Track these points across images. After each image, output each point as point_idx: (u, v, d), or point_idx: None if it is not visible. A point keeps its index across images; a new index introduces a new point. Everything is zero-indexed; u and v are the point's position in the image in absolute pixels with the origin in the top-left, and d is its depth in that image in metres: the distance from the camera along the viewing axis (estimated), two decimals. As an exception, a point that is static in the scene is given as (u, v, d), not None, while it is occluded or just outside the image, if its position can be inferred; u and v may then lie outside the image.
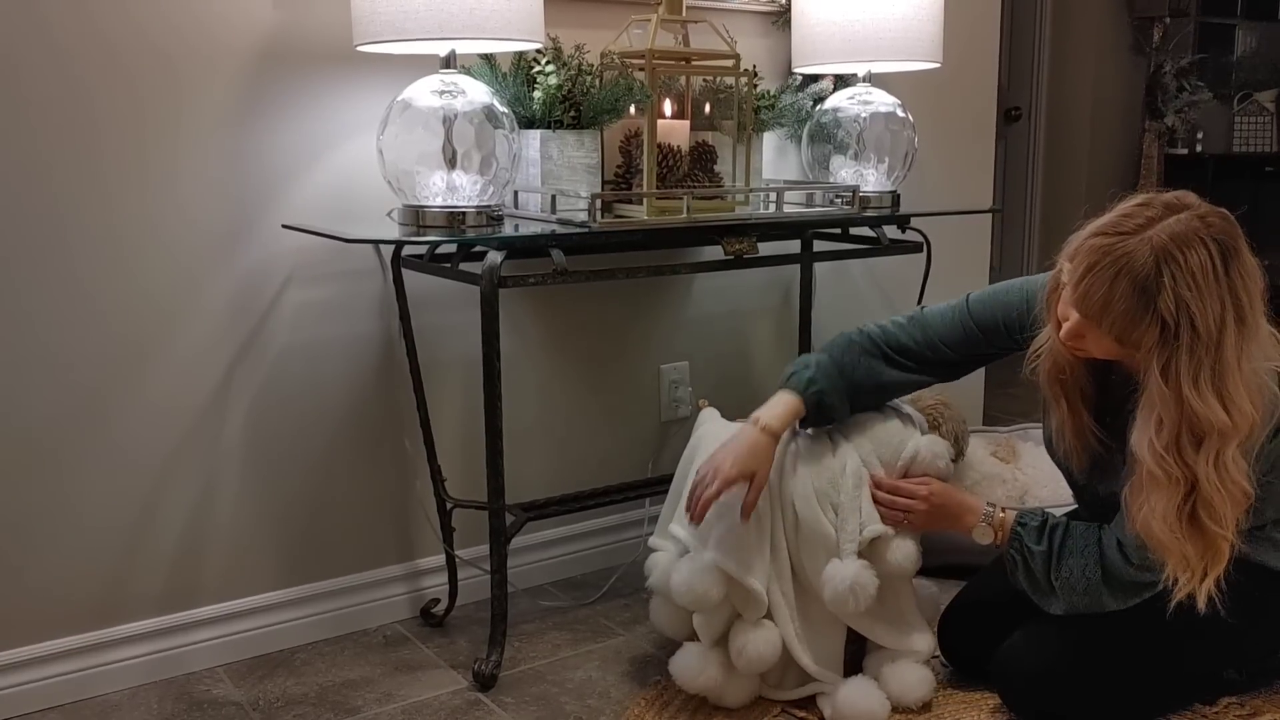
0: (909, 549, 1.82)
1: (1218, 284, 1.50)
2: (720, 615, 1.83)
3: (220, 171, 1.96)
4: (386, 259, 2.13)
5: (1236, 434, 1.53)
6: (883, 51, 2.28)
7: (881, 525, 1.80)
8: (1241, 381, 1.52)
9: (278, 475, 2.11)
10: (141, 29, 1.86)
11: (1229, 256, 1.51)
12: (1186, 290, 1.49)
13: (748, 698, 1.88)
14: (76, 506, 1.92)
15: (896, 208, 2.43)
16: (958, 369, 1.90)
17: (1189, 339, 1.50)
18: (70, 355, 1.88)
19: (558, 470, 2.42)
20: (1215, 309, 1.50)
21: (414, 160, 1.85)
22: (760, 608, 1.81)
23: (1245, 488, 1.54)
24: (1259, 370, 1.56)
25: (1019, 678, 1.80)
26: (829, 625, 1.85)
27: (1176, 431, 1.54)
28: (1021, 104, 5.00)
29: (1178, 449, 1.54)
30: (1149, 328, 1.52)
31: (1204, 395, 1.51)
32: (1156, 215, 1.52)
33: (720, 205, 2.17)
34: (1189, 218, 1.52)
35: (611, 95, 2.03)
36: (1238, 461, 1.54)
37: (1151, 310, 1.50)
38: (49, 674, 1.92)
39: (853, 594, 1.75)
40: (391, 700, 1.95)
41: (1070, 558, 1.73)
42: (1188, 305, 1.49)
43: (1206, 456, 1.53)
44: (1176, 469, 1.54)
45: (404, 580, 2.27)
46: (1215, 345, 1.51)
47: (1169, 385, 1.53)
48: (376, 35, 1.80)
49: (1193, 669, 1.82)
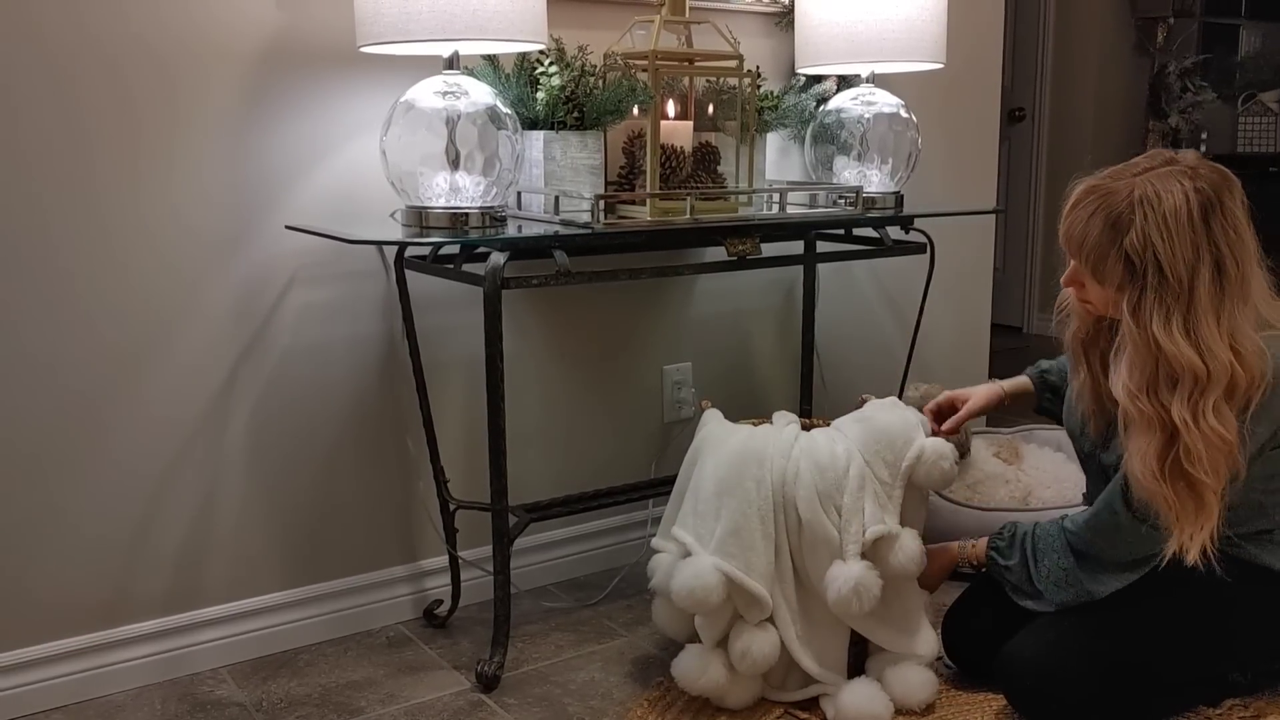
0: (911, 549, 1.81)
1: (1192, 230, 1.54)
2: (722, 617, 1.83)
3: (224, 173, 1.97)
4: (389, 260, 2.13)
5: (1215, 383, 1.55)
6: (886, 52, 2.28)
7: (884, 524, 1.79)
8: (1220, 333, 1.55)
9: (281, 476, 2.11)
10: (142, 36, 1.86)
11: (1210, 207, 1.55)
12: (1156, 231, 1.54)
13: (750, 699, 1.88)
14: (81, 508, 1.92)
15: (900, 208, 2.43)
16: None
17: (1156, 280, 1.55)
18: (76, 359, 1.88)
19: (560, 471, 2.42)
20: (1186, 254, 1.54)
21: (417, 161, 1.85)
22: (763, 610, 1.81)
23: (1225, 435, 1.55)
24: (1251, 333, 1.57)
25: (1024, 677, 1.79)
26: (831, 627, 1.84)
27: (1150, 373, 1.58)
28: (1025, 104, 5.00)
29: (1151, 390, 1.58)
30: (1115, 263, 1.58)
31: (1174, 338, 1.55)
32: (1153, 165, 1.59)
33: (723, 206, 2.17)
34: (1180, 169, 1.57)
35: (614, 96, 2.03)
36: (1220, 411, 1.55)
37: (1118, 245, 1.56)
38: (53, 674, 1.93)
39: (856, 595, 1.75)
40: (394, 701, 1.95)
41: (1044, 558, 1.78)
42: (1154, 246, 1.54)
43: (1181, 399, 1.55)
44: (1151, 409, 1.58)
45: (407, 581, 2.27)
46: (1187, 290, 1.55)
47: (1139, 325, 1.58)
48: (379, 36, 1.80)
49: (1198, 671, 1.82)
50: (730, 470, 1.84)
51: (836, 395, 2.74)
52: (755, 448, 1.86)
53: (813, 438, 1.88)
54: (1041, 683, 1.77)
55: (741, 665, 1.82)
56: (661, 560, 1.91)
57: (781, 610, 1.83)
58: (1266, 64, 5.31)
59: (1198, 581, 1.71)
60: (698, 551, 1.82)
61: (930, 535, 2.46)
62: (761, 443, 1.87)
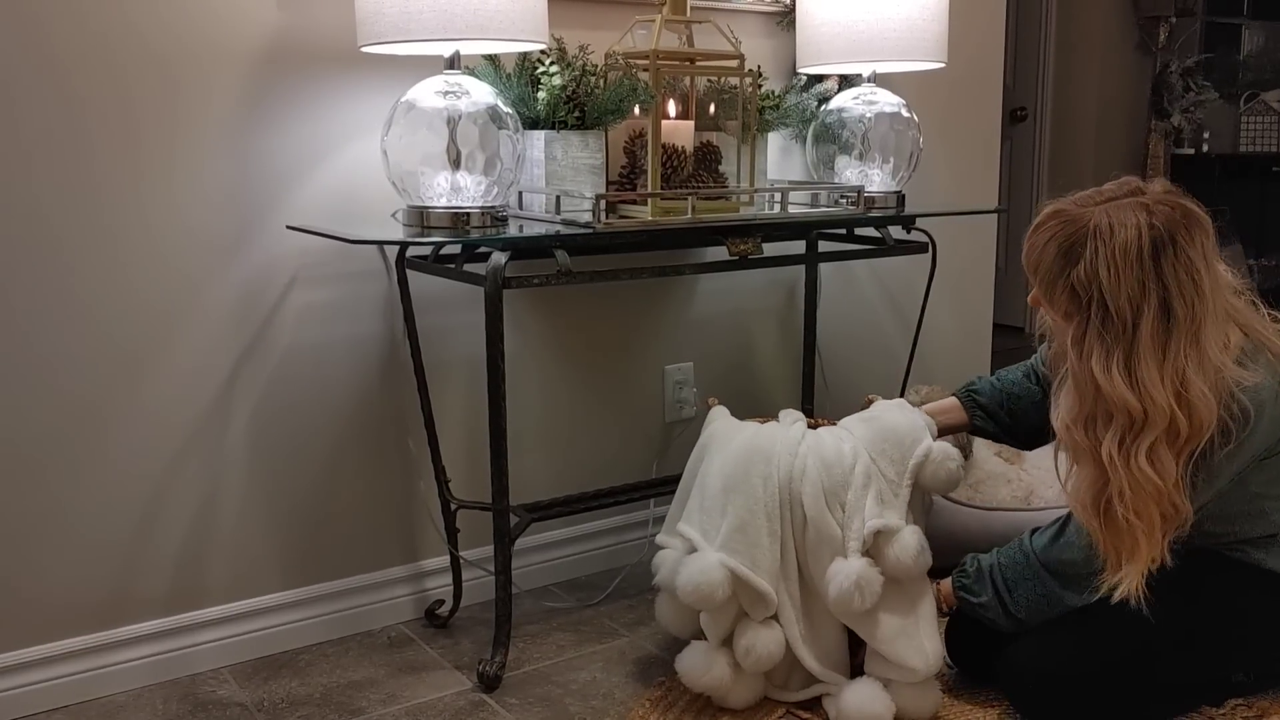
0: (910, 544, 1.77)
1: (1140, 267, 1.52)
2: (727, 614, 1.83)
3: (225, 173, 1.97)
4: (391, 260, 2.13)
5: (1151, 426, 1.52)
6: (887, 51, 2.28)
7: (882, 519, 1.76)
8: (1163, 375, 1.52)
9: (282, 476, 2.11)
10: (144, 36, 1.86)
11: (1161, 247, 1.52)
12: (1104, 265, 1.52)
13: (753, 698, 1.87)
14: (82, 508, 1.92)
15: (901, 208, 2.43)
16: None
17: (1099, 315, 1.54)
18: (77, 359, 1.88)
19: (562, 471, 2.42)
20: (1132, 291, 1.52)
21: (418, 161, 1.85)
22: (768, 607, 1.81)
23: (1155, 480, 1.52)
24: (1198, 379, 1.53)
25: (1026, 681, 1.79)
26: (834, 627, 1.84)
27: (1088, 407, 1.57)
28: (1027, 104, 4.99)
29: (1088, 424, 1.57)
30: (1063, 292, 1.58)
31: (1112, 377, 1.53)
32: (1117, 195, 1.57)
33: (725, 206, 2.17)
34: (1139, 202, 1.55)
35: (616, 96, 2.03)
36: (1156, 454, 1.53)
37: (1066, 275, 1.56)
38: (54, 675, 1.93)
39: (858, 590, 1.73)
40: (396, 701, 1.95)
41: (1017, 587, 1.77)
42: (1100, 280, 1.53)
43: (1114, 438, 1.54)
44: (1086, 442, 1.57)
45: (408, 581, 2.27)
46: (1130, 329, 1.53)
47: (1079, 359, 1.57)
48: (380, 36, 1.80)
49: (1201, 673, 1.81)
50: (737, 467, 1.84)
51: (838, 395, 2.74)
52: (762, 445, 1.86)
53: (819, 436, 1.87)
54: (1044, 686, 1.76)
55: (746, 662, 1.81)
56: (666, 556, 1.90)
57: (786, 608, 1.82)
58: (1269, 63, 5.31)
59: (1202, 586, 1.72)
60: (703, 547, 1.81)
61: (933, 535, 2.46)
62: (768, 440, 1.87)
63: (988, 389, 2.00)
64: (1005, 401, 1.98)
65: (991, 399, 1.99)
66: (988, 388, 2.00)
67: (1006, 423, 1.98)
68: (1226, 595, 1.74)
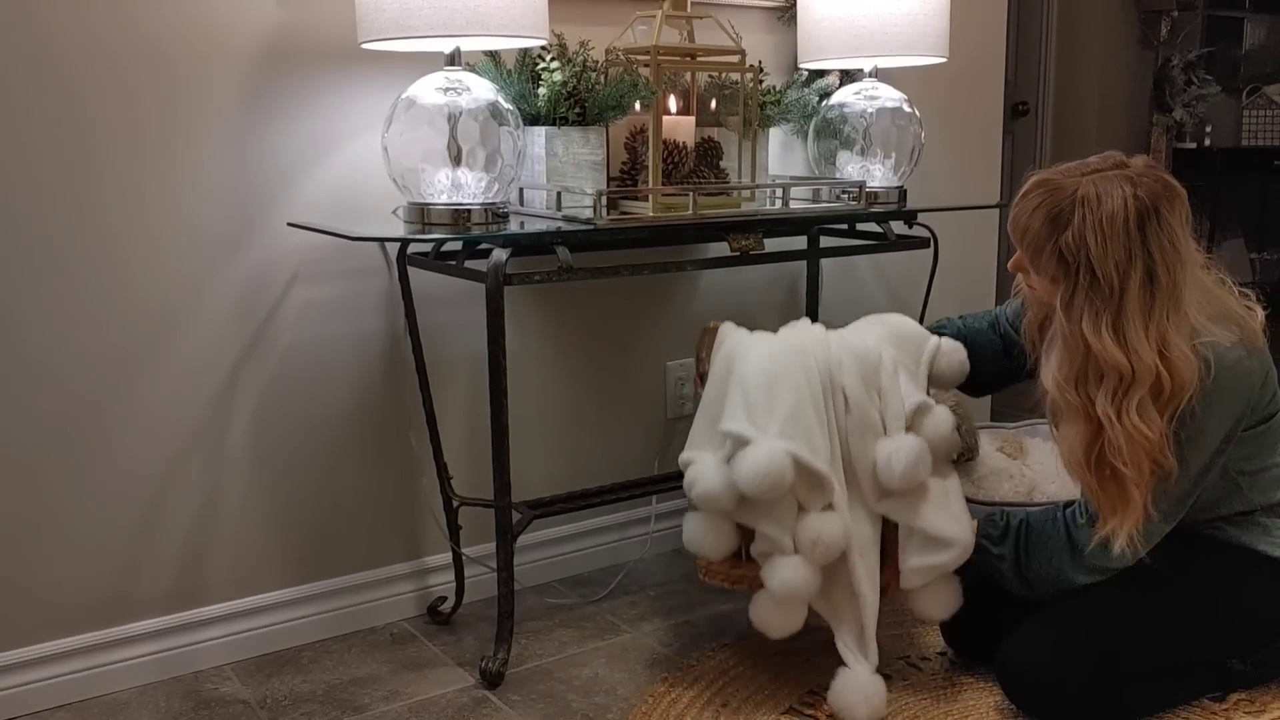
0: (946, 419, 1.83)
1: (1126, 235, 1.60)
2: (786, 508, 1.76)
3: (226, 171, 1.96)
4: (392, 257, 2.13)
5: (1139, 383, 1.61)
6: (889, 46, 2.28)
7: (919, 396, 1.82)
8: (1148, 336, 1.60)
9: (284, 473, 2.11)
10: (144, 33, 1.86)
11: (1146, 215, 1.60)
12: (1091, 232, 1.60)
13: (796, 625, 1.82)
14: (84, 506, 1.92)
15: (903, 203, 2.43)
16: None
17: (1088, 279, 1.62)
18: (78, 358, 1.88)
19: (564, 467, 2.42)
20: (1118, 258, 1.60)
21: (419, 158, 1.85)
22: (827, 493, 1.76)
23: (1147, 434, 1.60)
24: (1181, 342, 1.61)
25: (1023, 676, 1.81)
26: (872, 522, 1.83)
27: (1079, 367, 1.65)
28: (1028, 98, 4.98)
29: (1079, 382, 1.65)
30: (1051, 257, 1.65)
31: (1102, 337, 1.61)
32: (1102, 167, 1.64)
33: (726, 201, 2.16)
34: (1126, 174, 1.62)
35: (616, 92, 2.03)
36: (1145, 409, 1.61)
37: (1055, 241, 1.63)
38: (57, 673, 1.93)
39: (920, 460, 1.75)
40: (398, 698, 1.95)
41: (1036, 552, 1.80)
42: (1088, 247, 1.60)
43: (1106, 395, 1.62)
44: (1077, 399, 1.65)
45: (411, 578, 2.27)
46: (1118, 293, 1.61)
47: (1070, 321, 1.65)
48: (381, 33, 1.79)
49: (1196, 657, 1.83)
50: (775, 363, 1.81)
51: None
52: (794, 342, 1.87)
53: (844, 334, 1.90)
54: (1041, 679, 1.78)
55: (814, 555, 1.75)
56: (701, 469, 1.79)
57: (839, 496, 1.79)
58: (1271, 57, 5.30)
59: (1185, 567, 1.77)
60: (758, 439, 1.74)
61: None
62: (798, 338, 1.88)
63: (952, 333, 2.04)
64: (967, 348, 2.01)
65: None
66: (953, 332, 2.04)
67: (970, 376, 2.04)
68: (1207, 574, 1.79)
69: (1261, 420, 1.74)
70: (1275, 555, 1.77)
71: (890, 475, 1.77)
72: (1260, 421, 1.74)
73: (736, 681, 1.96)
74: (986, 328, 2.04)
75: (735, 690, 1.94)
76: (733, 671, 2.00)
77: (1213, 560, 1.79)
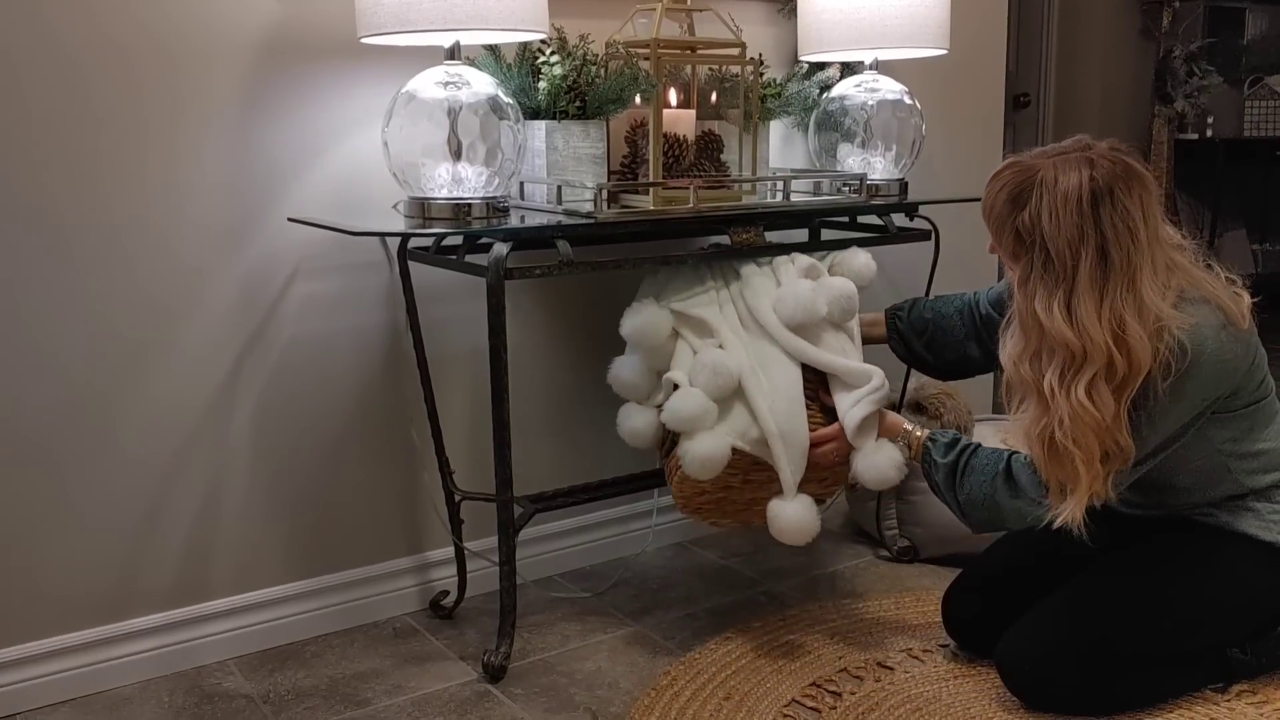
0: (834, 282, 2.02)
1: (1079, 215, 1.63)
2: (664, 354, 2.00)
3: (227, 165, 1.96)
4: (393, 251, 2.13)
5: (1090, 362, 1.63)
6: (889, 38, 2.27)
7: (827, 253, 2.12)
8: (1100, 316, 1.62)
9: (286, 468, 2.11)
10: (146, 27, 1.86)
11: (1100, 195, 1.63)
12: (1046, 212, 1.64)
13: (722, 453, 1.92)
14: (85, 503, 1.93)
15: (904, 195, 2.42)
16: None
17: (1042, 258, 1.66)
18: (81, 352, 1.88)
19: (566, 462, 2.42)
20: (1071, 236, 1.63)
21: (419, 152, 1.85)
22: (715, 333, 1.98)
23: (1093, 413, 1.62)
24: (1135, 323, 1.62)
25: (1022, 671, 1.82)
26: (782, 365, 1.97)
27: (1033, 344, 1.68)
28: (1030, 90, 4.97)
29: (1032, 359, 1.68)
30: (1009, 235, 1.69)
31: (1054, 315, 1.64)
32: (1067, 150, 1.68)
33: (727, 195, 2.16)
34: (1084, 157, 1.66)
35: (617, 85, 2.02)
36: (1095, 389, 1.62)
37: (1013, 219, 1.67)
38: (60, 668, 1.93)
39: (810, 296, 1.95)
40: (401, 692, 1.95)
41: (971, 476, 1.83)
42: (1043, 225, 1.64)
43: (1055, 372, 1.65)
44: (1030, 376, 1.68)
45: (413, 572, 2.28)
46: (1070, 272, 1.64)
47: (1024, 298, 1.68)
48: (380, 27, 1.79)
49: (1195, 646, 1.83)
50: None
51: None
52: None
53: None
54: (1042, 671, 1.80)
55: (702, 381, 1.91)
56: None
57: (730, 338, 1.98)
58: (1272, 47, 5.29)
59: (1178, 553, 1.80)
60: (646, 305, 2.00)
61: (927, 527, 2.47)
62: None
63: (914, 317, 2.11)
64: (927, 330, 2.09)
65: (912, 326, 2.11)
66: (915, 317, 2.11)
67: (921, 353, 2.11)
68: (1202, 560, 1.80)
69: (1249, 403, 1.75)
70: (1267, 540, 1.78)
71: (785, 310, 1.97)
72: (1248, 404, 1.75)
73: (739, 674, 1.97)
74: (954, 313, 2.07)
75: (738, 683, 1.94)
76: (735, 664, 2.00)
77: (1206, 546, 1.80)
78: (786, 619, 2.18)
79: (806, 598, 2.29)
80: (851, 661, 2.00)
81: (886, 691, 1.89)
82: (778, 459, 1.93)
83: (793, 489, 1.94)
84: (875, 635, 2.10)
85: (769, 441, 1.93)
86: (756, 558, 2.51)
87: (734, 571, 2.45)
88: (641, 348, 2.00)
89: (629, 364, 2.03)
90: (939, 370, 2.14)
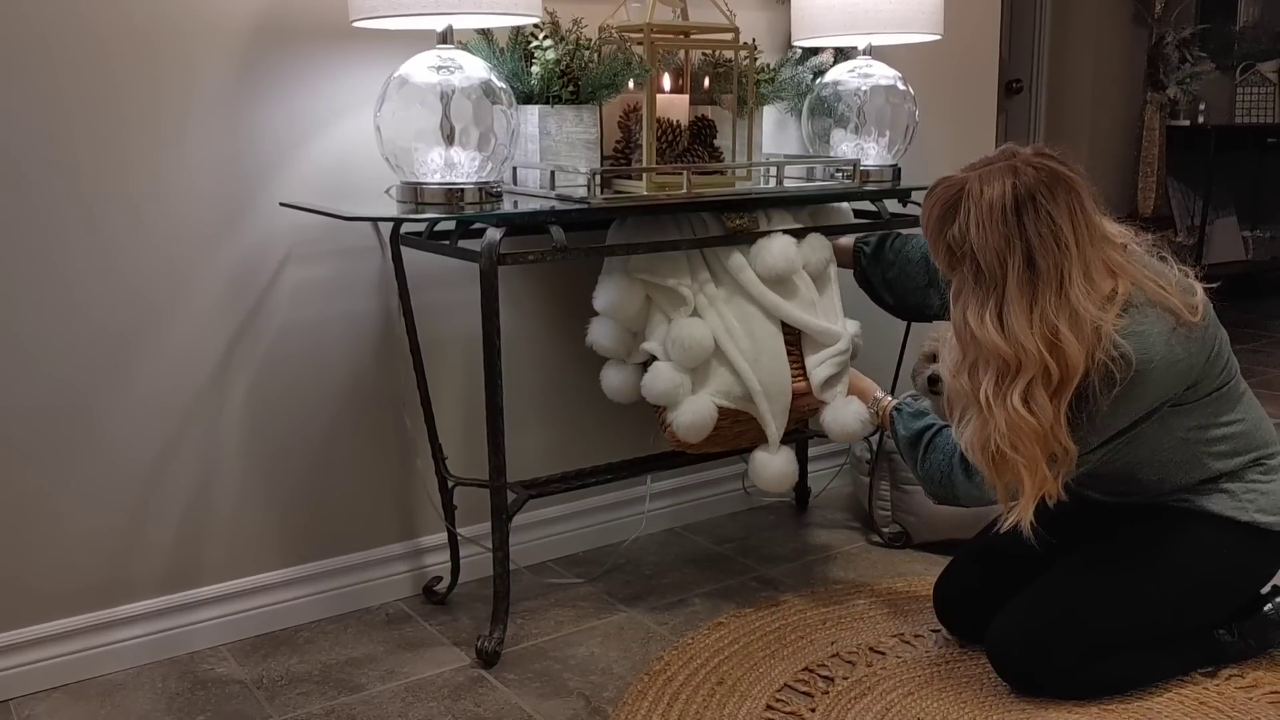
0: (814, 240, 2.13)
1: (1004, 223, 1.63)
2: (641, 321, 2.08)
3: (216, 151, 1.95)
4: (385, 237, 2.12)
5: (1024, 370, 1.63)
6: (883, 24, 2.27)
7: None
8: (1031, 324, 1.62)
9: (278, 454, 2.11)
10: (125, 10, 1.84)
11: (1023, 204, 1.63)
12: (973, 223, 1.64)
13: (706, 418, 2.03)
14: (79, 488, 1.92)
15: (897, 181, 2.42)
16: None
17: (973, 270, 1.67)
18: (69, 343, 1.87)
19: (559, 447, 2.42)
20: (998, 245, 1.64)
21: (412, 137, 1.84)
22: (687, 302, 2.05)
23: (1030, 420, 1.63)
24: (1067, 330, 1.62)
25: (1011, 648, 1.83)
26: (760, 321, 2.06)
27: (968, 356, 1.69)
28: (1022, 76, 4.97)
29: (969, 371, 1.69)
30: (942, 249, 1.71)
31: (985, 326, 1.65)
32: (993, 160, 1.68)
33: (720, 180, 2.16)
34: (1008, 165, 1.65)
35: (610, 70, 2.02)
36: (1032, 396, 1.63)
37: (945, 233, 1.69)
38: (54, 654, 1.93)
39: (786, 247, 2.04)
40: (395, 677, 1.96)
41: (934, 453, 1.87)
42: (970, 238, 1.65)
43: (990, 381, 1.66)
44: (968, 387, 1.70)
45: (406, 558, 2.28)
46: (999, 282, 1.64)
47: (959, 309, 1.70)
48: (373, 11, 1.78)
49: (1181, 627, 1.85)
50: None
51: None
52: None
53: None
54: (1029, 655, 1.82)
55: (675, 353, 2.02)
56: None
57: (705, 307, 2.06)
58: (1265, 34, 5.29)
59: (1162, 540, 1.81)
60: (615, 278, 2.06)
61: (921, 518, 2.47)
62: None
63: (878, 256, 2.17)
64: (889, 272, 2.15)
65: (875, 263, 2.18)
66: (882, 258, 2.17)
67: (880, 292, 2.19)
68: (1181, 544, 1.81)
69: (1211, 390, 1.76)
70: (1244, 520, 1.79)
71: (762, 264, 2.05)
72: (1210, 392, 1.76)
73: (732, 660, 1.97)
74: (920, 259, 2.11)
75: (731, 668, 1.94)
76: (728, 650, 2.01)
77: (1185, 530, 1.81)
78: (779, 604, 2.18)
79: (799, 583, 2.29)
80: (843, 646, 2.00)
81: (879, 676, 1.90)
82: (763, 415, 2.05)
83: (777, 441, 2.06)
84: (867, 620, 2.11)
85: (753, 399, 2.04)
86: (749, 543, 2.52)
87: (727, 557, 2.45)
88: (616, 319, 2.08)
89: (606, 328, 2.12)
90: (898, 311, 2.21)
